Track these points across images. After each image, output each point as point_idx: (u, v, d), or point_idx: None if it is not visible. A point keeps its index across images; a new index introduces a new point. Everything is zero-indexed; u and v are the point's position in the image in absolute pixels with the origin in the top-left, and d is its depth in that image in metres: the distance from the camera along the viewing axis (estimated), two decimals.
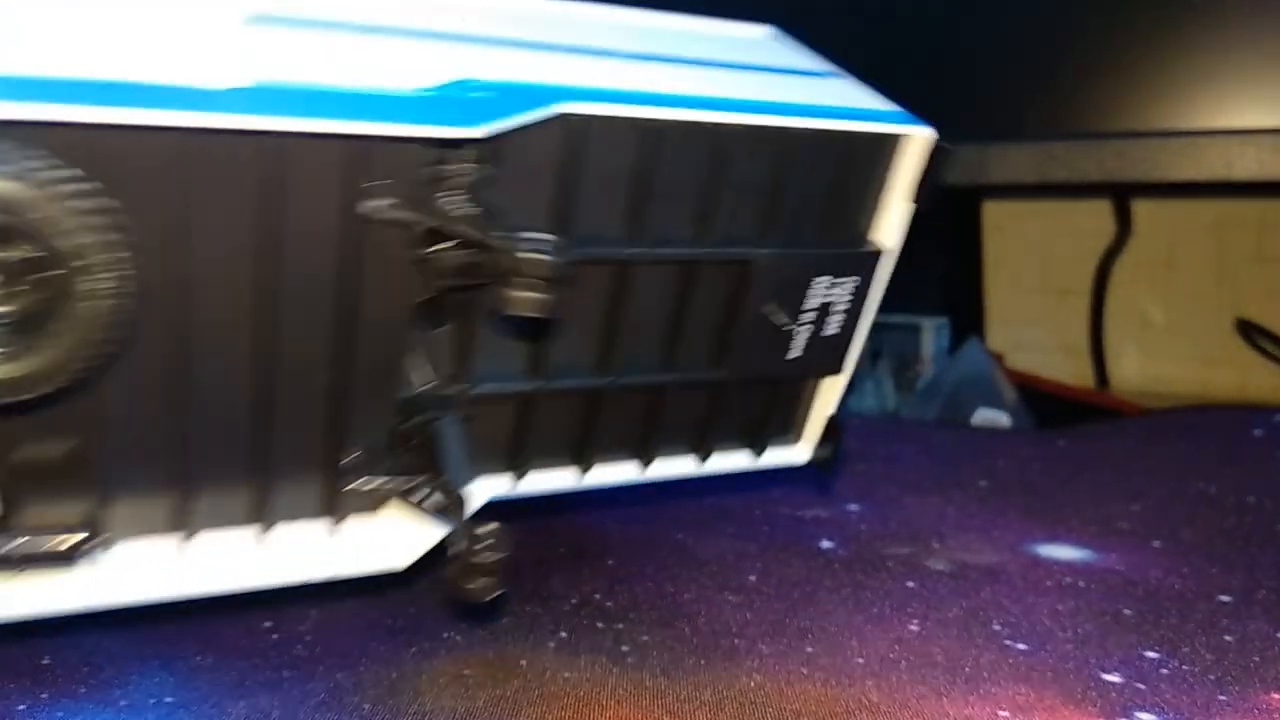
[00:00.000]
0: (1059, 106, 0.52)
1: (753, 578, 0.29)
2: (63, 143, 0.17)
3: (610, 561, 0.30)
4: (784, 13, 0.35)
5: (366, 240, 0.21)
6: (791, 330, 0.27)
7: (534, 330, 0.24)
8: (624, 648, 0.24)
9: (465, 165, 0.21)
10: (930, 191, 0.28)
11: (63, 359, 0.17)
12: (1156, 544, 0.32)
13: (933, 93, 0.53)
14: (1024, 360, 0.73)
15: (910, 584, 0.29)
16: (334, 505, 0.23)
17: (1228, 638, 0.25)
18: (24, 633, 0.25)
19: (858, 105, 0.27)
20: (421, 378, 0.23)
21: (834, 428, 0.30)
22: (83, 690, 0.22)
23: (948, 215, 0.72)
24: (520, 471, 0.26)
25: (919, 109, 0.28)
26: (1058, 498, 0.37)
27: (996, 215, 0.74)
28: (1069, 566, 0.30)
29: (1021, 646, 0.25)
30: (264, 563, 0.22)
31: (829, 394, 0.30)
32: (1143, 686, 0.23)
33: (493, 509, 0.30)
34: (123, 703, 0.22)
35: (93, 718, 0.21)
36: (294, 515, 0.23)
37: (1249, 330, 0.66)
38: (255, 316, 0.21)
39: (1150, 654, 0.25)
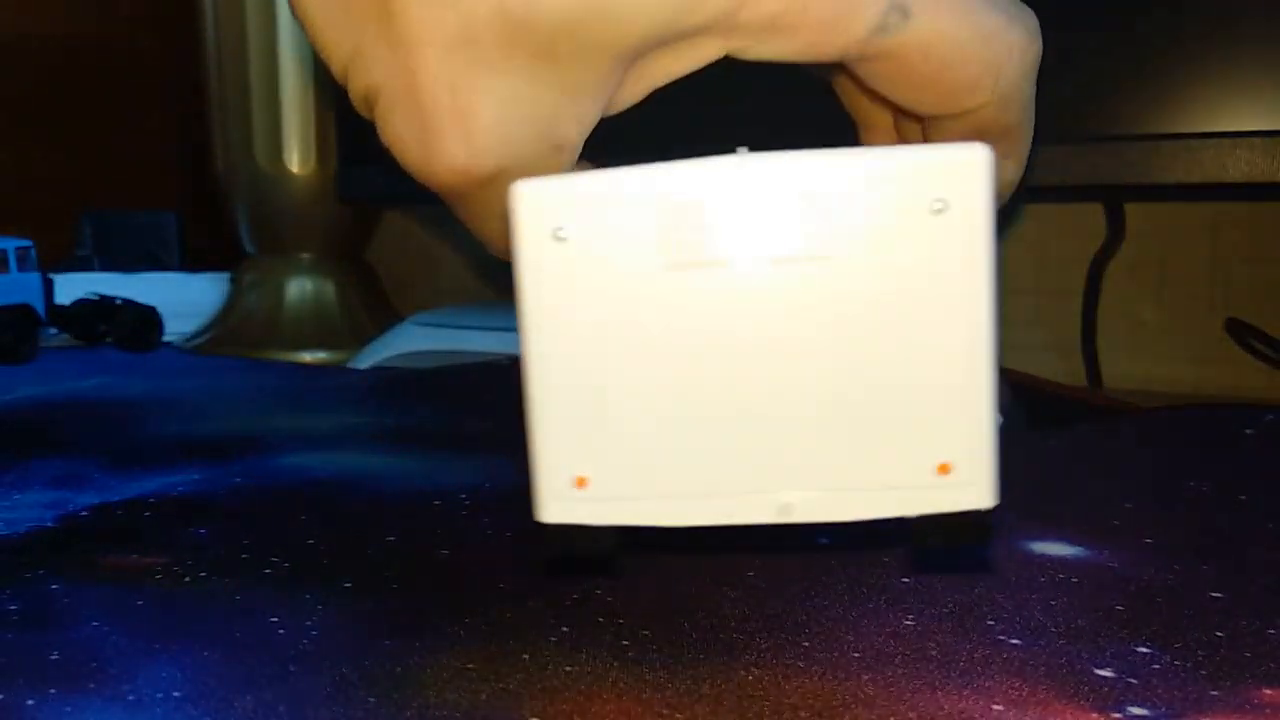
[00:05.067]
0: (1052, 111, 0.52)
1: (751, 574, 0.29)
2: None
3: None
4: None
5: None
6: None
7: None
8: (624, 642, 0.25)
9: None
10: None
11: None
12: (1149, 541, 0.32)
13: None
14: (1017, 360, 0.74)
15: (905, 580, 0.29)
16: None
17: (1219, 633, 0.26)
18: (31, 628, 0.25)
19: None
20: None
21: None
22: (91, 685, 0.23)
23: None
24: None
25: None
26: (1051, 495, 0.37)
27: None
28: (1062, 563, 0.30)
29: (1015, 641, 0.25)
30: None
31: None
32: (1135, 681, 0.23)
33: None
34: (130, 697, 0.22)
35: (100, 712, 0.21)
36: None
37: (1239, 330, 0.66)
38: None
39: (1142, 649, 0.25)
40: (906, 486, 0.20)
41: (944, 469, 0.19)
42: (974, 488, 0.19)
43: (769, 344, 0.19)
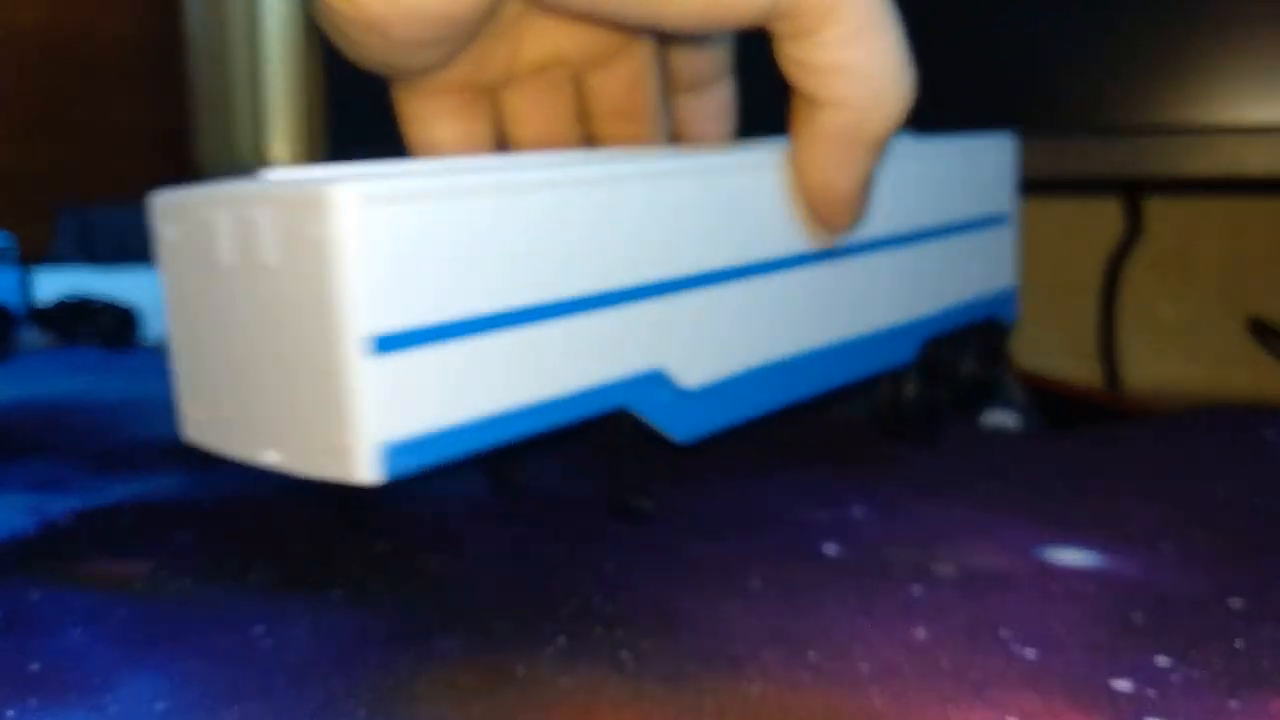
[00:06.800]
0: (1071, 102, 0.52)
1: (755, 583, 0.29)
2: None
3: (609, 566, 0.30)
4: None
5: None
6: None
7: None
8: (623, 654, 0.24)
9: None
10: None
11: None
12: (1167, 548, 0.32)
13: (947, 90, 0.53)
14: (1033, 361, 0.73)
15: (916, 589, 0.28)
16: None
17: (1239, 643, 0.25)
18: (11, 636, 0.25)
19: None
20: None
21: None
22: (72, 695, 0.22)
23: None
24: None
25: (934, 105, 0.28)
26: (1067, 500, 0.37)
27: None
28: (1078, 571, 0.30)
29: (1030, 653, 0.25)
30: None
31: None
32: (1153, 693, 0.23)
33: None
34: (112, 709, 0.22)
35: None
36: None
37: (1262, 330, 0.65)
38: None
39: (1161, 660, 0.24)
40: (311, 452, 0.23)
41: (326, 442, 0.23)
42: (346, 462, 0.22)
43: (244, 327, 0.24)
